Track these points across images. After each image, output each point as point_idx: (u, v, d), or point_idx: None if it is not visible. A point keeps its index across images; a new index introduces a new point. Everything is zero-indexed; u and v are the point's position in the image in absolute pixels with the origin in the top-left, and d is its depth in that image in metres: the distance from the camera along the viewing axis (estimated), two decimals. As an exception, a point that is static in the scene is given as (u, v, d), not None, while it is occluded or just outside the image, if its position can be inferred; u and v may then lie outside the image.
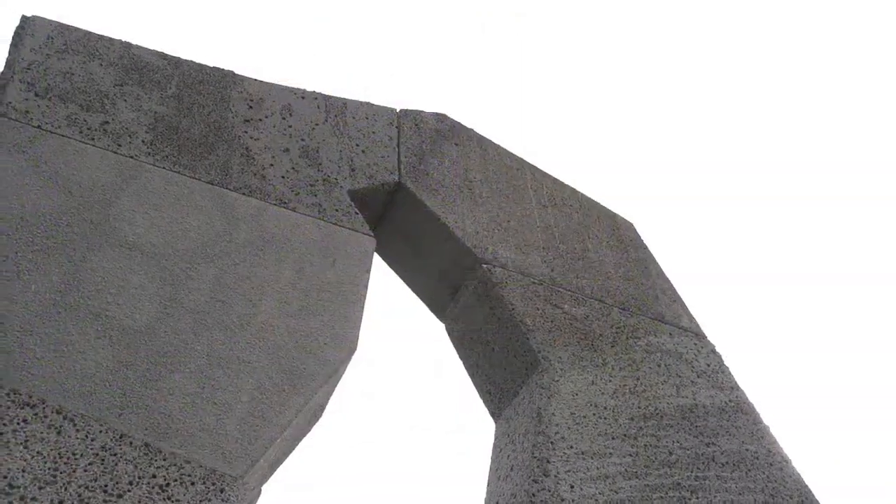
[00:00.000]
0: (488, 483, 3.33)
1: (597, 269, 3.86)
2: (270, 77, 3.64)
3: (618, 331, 3.60)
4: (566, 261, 3.80)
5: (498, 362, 3.55)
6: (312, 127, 3.52)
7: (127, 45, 3.27)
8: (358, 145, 3.58)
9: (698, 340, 3.80)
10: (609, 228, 4.16)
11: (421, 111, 3.99)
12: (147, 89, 3.18)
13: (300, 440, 2.85)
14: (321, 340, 2.83)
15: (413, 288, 3.96)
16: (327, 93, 3.71)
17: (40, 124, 2.82)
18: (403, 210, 3.66)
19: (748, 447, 3.40)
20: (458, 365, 3.86)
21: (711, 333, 3.93)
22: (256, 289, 2.83)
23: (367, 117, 3.74)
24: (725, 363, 3.77)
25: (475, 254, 3.54)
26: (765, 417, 3.62)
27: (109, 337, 2.48)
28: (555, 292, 3.60)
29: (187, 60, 3.38)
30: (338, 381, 2.93)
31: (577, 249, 3.91)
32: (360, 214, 3.32)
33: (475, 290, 3.59)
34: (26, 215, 2.59)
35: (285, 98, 3.55)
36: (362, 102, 3.79)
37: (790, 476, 3.38)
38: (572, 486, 2.91)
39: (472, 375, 3.78)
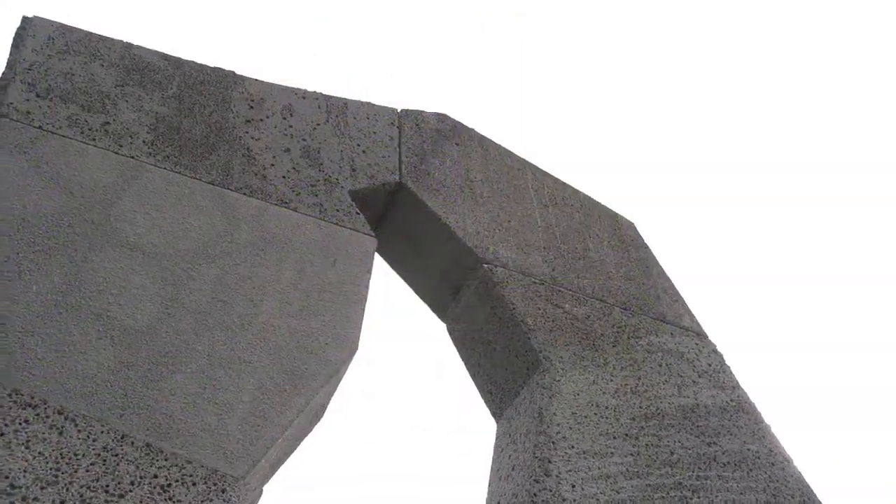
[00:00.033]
0: (489, 483, 3.33)
1: (598, 269, 3.86)
2: (271, 77, 3.64)
3: (619, 330, 3.60)
4: (567, 260, 3.80)
5: (499, 362, 3.55)
6: (313, 127, 3.52)
7: (128, 46, 3.28)
8: (359, 145, 3.58)
9: (700, 340, 3.80)
10: (610, 228, 4.16)
11: (422, 111, 3.98)
12: (148, 90, 3.18)
13: (301, 440, 2.85)
14: (322, 340, 2.83)
15: (414, 288, 3.96)
16: (328, 93, 3.72)
17: (41, 125, 2.82)
18: (404, 210, 3.66)
19: (750, 447, 3.40)
20: (460, 365, 3.86)
21: (713, 333, 3.93)
22: (257, 289, 2.84)
23: (368, 117, 3.74)
24: (727, 363, 3.77)
25: (476, 254, 3.54)
26: (766, 417, 3.63)
27: (111, 337, 2.48)
28: (556, 292, 3.60)
29: (188, 61, 3.39)
30: (339, 382, 2.93)
31: (579, 249, 3.90)
32: (362, 214, 3.32)
33: (476, 290, 3.59)
34: (28, 216, 2.59)
35: (286, 98, 3.55)
36: (363, 102, 3.79)
37: (792, 476, 3.38)
38: (574, 486, 2.91)
39: (474, 375, 3.78)
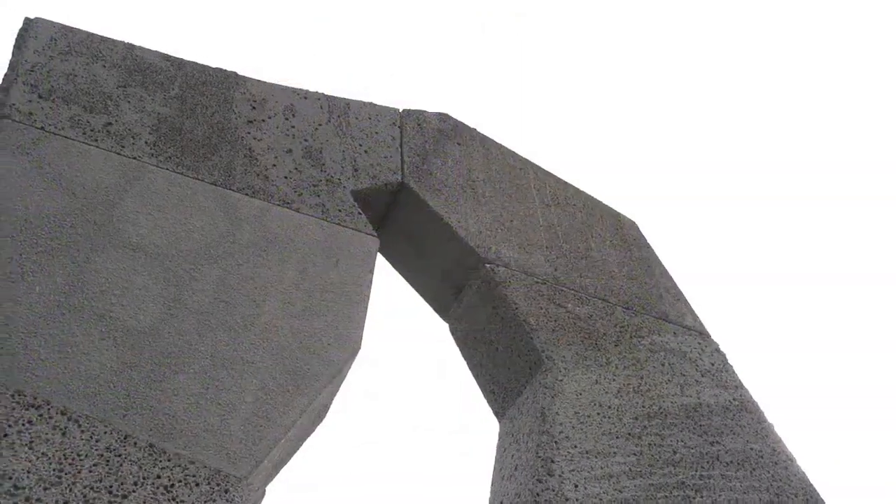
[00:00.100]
0: (492, 483, 3.33)
1: (600, 269, 3.86)
2: (271, 77, 3.64)
3: (621, 330, 3.60)
4: (569, 260, 3.80)
5: (501, 362, 3.55)
6: (315, 127, 3.52)
7: (130, 47, 3.28)
8: (361, 145, 3.58)
9: (702, 339, 3.79)
10: (612, 227, 4.16)
11: (424, 111, 3.98)
12: (150, 90, 3.18)
13: (304, 440, 2.85)
14: (325, 341, 2.84)
15: (416, 288, 3.95)
16: (329, 93, 3.71)
17: (44, 126, 2.82)
18: (406, 210, 3.66)
19: (753, 446, 3.39)
20: (462, 365, 3.86)
21: (715, 332, 3.92)
22: (260, 289, 2.84)
23: (370, 117, 3.74)
24: (729, 362, 3.77)
25: (478, 253, 3.54)
26: (769, 416, 3.62)
27: (113, 338, 2.49)
28: (558, 291, 3.60)
29: (190, 61, 3.39)
30: (342, 382, 2.93)
31: (581, 248, 3.90)
32: (364, 215, 3.32)
33: (478, 290, 3.58)
34: (30, 217, 2.60)
35: (288, 99, 3.55)
36: (365, 103, 3.79)
37: (795, 475, 3.38)
38: (576, 486, 2.91)
39: (476, 375, 3.78)
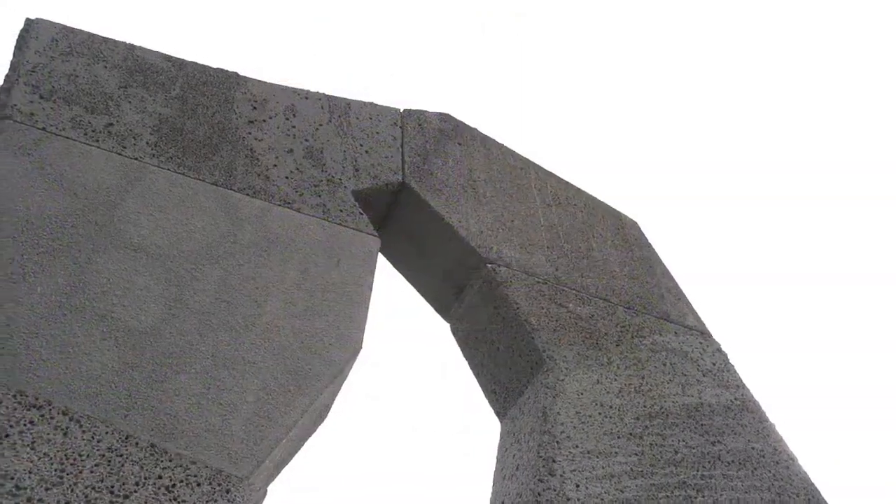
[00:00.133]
0: (494, 483, 3.33)
1: (601, 268, 3.86)
2: (271, 77, 3.64)
3: (623, 330, 3.59)
4: (571, 260, 3.79)
5: (503, 362, 3.55)
6: (316, 127, 3.52)
7: (131, 47, 3.28)
8: (362, 145, 3.58)
9: (703, 339, 3.79)
10: (613, 227, 4.16)
11: (424, 111, 3.98)
12: (151, 91, 3.18)
13: (305, 441, 2.85)
14: (326, 341, 2.84)
15: (417, 288, 3.95)
16: (330, 93, 3.71)
17: (45, 126, 2.82)
18: (408, 210, 3.66)
19: (754, 445, 3.39)
20: (463, 365, 3.86)
21: (716, 332, 3.92)
22: (261, 289, 2.84)
23: (371, 117, 3.74)
24: (731, 362, 3.76)
25: (479, 253, 3.54)
26: (770, 416, 3.62)
27: (115, 338, 2.49)
28: (559, 291, 3.59)
29: (191, 62, 3.39)
30: (343, 382, 2.93)
31: (582, 248, 3.90)
32: (365, 215, 3.32)
33: (480, 290, 3.58)
34: (31, 217, 2.60)
35: (289, 99, 3.55)
36: (366, 103, 3.79)
37: (796, 474, 3.37)
38: (578, 486, 2.91)
39: (477, 375, 3.78)
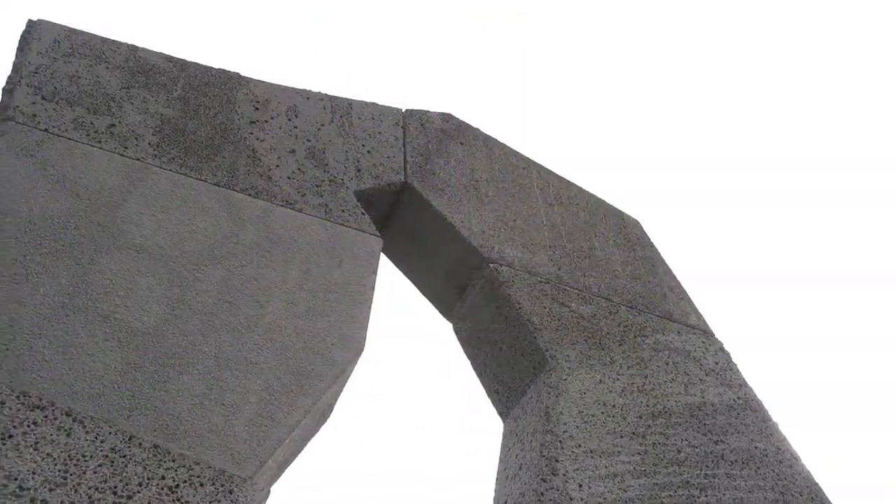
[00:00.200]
0: (496, 482, 3.33)
1: (604, 268, 3.85)
2: (273, 78, 3.64)
3: (625, 329, 3.59)
4: (573, 259, 3.79)
5: (505, 361, 3.55)
6: (318, 128, 3.52)
7: (133, 48, 3.28)
8: (364, 146, 3.58)
9: (706, 338, 3.79)
10: (616, 227, 4.15)
11: (426, 111, 3.98)
12: (153, 92, 3.19)
13: (308, 441, 2.85)
14: (329, 341, 2.84)
15: (420, 288, 3.95)
16: (332, 93, 3.72)
17: (47, 128, 2.83)
18: (410, 210, 3.66)
19: (757, 445, 3.39)
20: (466, 364, 3.86)
21: (719, 331, 3.92)
22: (264, 290, 2.84)
23: (373, 117, 3.74)
24: (733, 361, 3.76)
25: (482, 253, 3.54)
26: (773, 415, 3.61)
27: (118, 339, 2.49)
28: (562, 291, 3.59)
29: (193, 62, 3.39)
30: (345, 382, 2.93)
31: (584, 248, 3.90)
32: (367, 215, 3.32)
33: (482, 290, 3.58)
34: (34, 218, 2.60)
35: (291, 99, 3.55)
36: (368, 103, 3.79)
37: (800, 473, 3.37)
38: (581, 485, 2.91)
39: (480, 375, 3.78)
